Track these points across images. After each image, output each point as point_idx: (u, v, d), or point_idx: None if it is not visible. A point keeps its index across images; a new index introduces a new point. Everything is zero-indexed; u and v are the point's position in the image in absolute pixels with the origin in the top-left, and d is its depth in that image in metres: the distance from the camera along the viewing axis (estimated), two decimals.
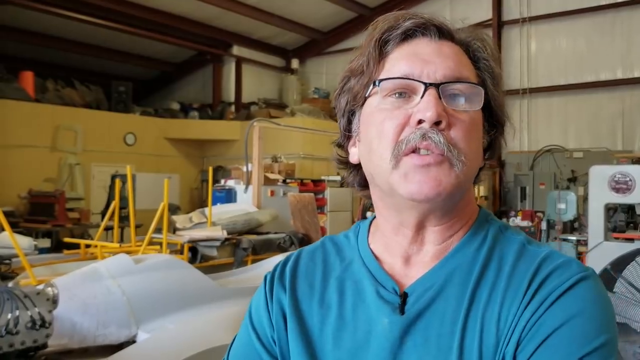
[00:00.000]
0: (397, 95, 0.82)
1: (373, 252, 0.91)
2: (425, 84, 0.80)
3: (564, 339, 0.74)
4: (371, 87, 0.85)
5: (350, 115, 0.90)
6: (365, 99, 0.86)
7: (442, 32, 0.85)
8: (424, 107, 0.79)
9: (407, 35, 0.85)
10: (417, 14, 0.86)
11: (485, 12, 12.99)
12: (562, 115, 12.82)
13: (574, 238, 8.92)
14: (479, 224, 0.88)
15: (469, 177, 0.83)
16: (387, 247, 0.89)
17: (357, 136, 0.89)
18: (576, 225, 10.15)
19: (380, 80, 0.83)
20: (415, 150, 0.79)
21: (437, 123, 0.79)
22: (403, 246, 0.87)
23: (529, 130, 12.98)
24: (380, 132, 0.82)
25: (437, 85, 0.80)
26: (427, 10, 0.95)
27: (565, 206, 10.00)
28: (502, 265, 0.83)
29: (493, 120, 0.87)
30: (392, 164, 0.80)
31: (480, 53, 0.87)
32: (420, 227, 0.86)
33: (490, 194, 12.55)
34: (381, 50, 0.85)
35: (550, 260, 0.81)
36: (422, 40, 0.85)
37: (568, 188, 11.41)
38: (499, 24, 13.30)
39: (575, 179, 11.75)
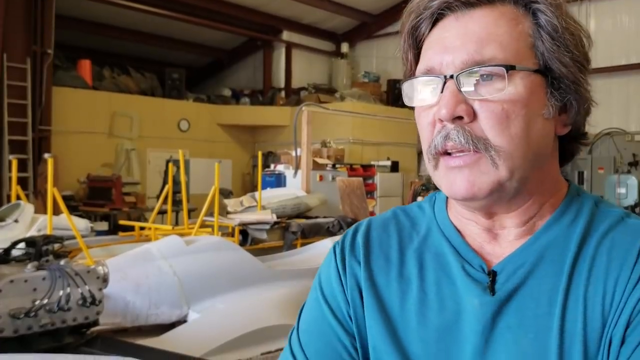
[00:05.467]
0: (430, 90, 0.78)
1: (453, 225, 0.84)
2: (442, 77, 0.75)
3: None
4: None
5: None
6: None
7: (471, 2, 0.76)
8: (440, 105, 0.75)
9: (438, 17, 0.78)
10: None
11: None
12: (623, 97, 12.31)
13: None
14: (570, 199, 0.81)
15: (520, 164, 0.74)
16: (468, 222, 0.82)
17: None
18: (637, 210, 9.79)
19: (403, 83, 0.82)
20: (447, 151, 0.75)
21: (460, 118, 0.74)
22: (483, 224, 0.81)
23: None
24: (420, 127, 0.80)
25: (455, 77, 0.74)
26: None
27: (626, 191, 9.67)
28: (601, 239, 0.76)
29: (559, 82, 0.76)
30: (432, 165, 0.78)
31: (535, 4, 0.76)
32: (489, 215, 0.80)
33: None
34: (416, 38, 0.81)
35: None
36: (449, 19, 0.77)
37: (629, 172, 11.01)
38: None
39: (637, 163, 11.31)
